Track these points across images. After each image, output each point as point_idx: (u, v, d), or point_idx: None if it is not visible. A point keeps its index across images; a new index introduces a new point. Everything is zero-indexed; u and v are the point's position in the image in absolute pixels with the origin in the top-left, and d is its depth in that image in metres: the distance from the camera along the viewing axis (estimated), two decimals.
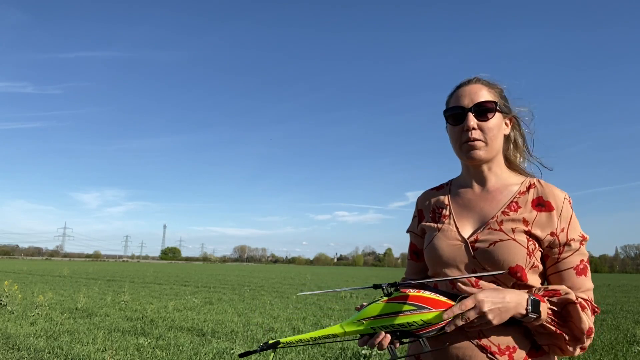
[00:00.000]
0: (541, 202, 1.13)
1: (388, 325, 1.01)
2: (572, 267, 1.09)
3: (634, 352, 5.99)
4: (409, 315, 0.99)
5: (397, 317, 1.00)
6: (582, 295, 1.07)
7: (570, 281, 1.09)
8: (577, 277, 1.09)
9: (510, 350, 1.04)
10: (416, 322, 0.99)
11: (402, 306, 1.00)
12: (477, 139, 1.15)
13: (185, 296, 13.13)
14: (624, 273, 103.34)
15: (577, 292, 1.08)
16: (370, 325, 1.03)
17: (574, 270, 1.09)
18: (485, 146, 1.16)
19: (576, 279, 1.09)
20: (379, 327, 1.02)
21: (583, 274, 1.10)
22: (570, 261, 1.10)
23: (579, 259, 1.10)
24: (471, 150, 1.16)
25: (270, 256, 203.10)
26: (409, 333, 1.01)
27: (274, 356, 1.21)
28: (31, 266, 42.21)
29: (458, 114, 1.18)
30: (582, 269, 1.10)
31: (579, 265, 1.10)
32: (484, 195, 1.20)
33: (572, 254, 1.10)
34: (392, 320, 1.01)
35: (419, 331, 1.00)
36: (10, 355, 5.16)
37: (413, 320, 0.99)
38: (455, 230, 1.17)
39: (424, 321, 0.98)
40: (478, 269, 1.10)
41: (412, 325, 0.99)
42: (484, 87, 1.19)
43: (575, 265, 1.10)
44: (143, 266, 59.63)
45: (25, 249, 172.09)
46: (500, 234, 1.09)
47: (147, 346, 5.83)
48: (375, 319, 1.03)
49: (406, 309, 1.00)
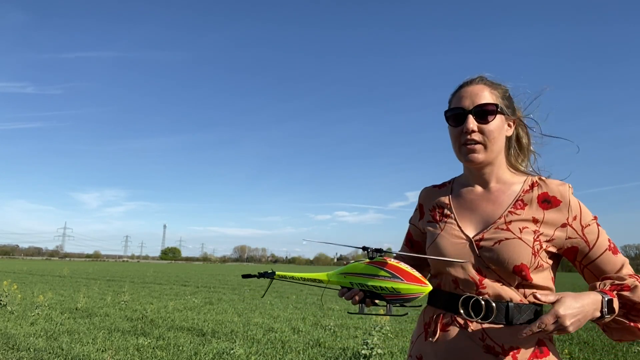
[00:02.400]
0: (547, 198, 1.12)
1: (364, 284, 1.15)
2: (607, 249, 1.09)
3: (634, 352, 5.99)
4: (382, 280, 1.11)
5: (372, 279, 1.13)
6: (629, 272, 1.08)
7: (610, 263, 1.09)
8: (615, 255, 1.10)
9: (514, 351, 1.04)
10: (387, 288, 1.10)
11: (379, 271, 1.12)
12: (477, 142, 1.15)
13: (185, 296, 13.13)
14: None
15: (623, 270, 1.08)
16: (350, 280, 1.18)
17: (610, 250, 1.10)
18: (484, 149, 1.16)
19: (615, 258, 1.09)
20: (357, 284, 1.16)
21: (617, 251, 1.10)
22: (600, 244, 1.09)
23: (606, 238, 1.11)
24: (470, 153, 1.16)
25: (270, 256, 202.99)
26: (379, 296, 1.13)
27: (270, 282, 1.37)
28: (31, 266, 42.19)
29: (458, 115, 1.17)
30: (613, 247, 1.11)
31: (610, 244, 1.10)
32: (487, 196, 1.20)
33: (599, 237, 1.10)
34: (368, 280, 1.14)
35: (388, 297, 1.11)
36: (10, 355, 5.15)
37: (385, 286, 1.10)
38: (458, 229, 1.17)
39: (394, 289, 1.09)
40: (483, 268, 1.09)
41: (384, 290, 1.11)
42: (486, 88, 1.18)
43: (608, 246, 1.10)
44: (143, 266, 59.60)
45: (25, 249, 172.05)
46: (507, 233, 1.09)
47: (147, 346, 5.82)
48: (355, 275, 1.17)
49: (382, 274, 1.12)
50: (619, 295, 1.03)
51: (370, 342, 5.30)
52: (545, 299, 0.99)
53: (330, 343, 6.29)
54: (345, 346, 6.06)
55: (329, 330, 7.38)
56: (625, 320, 1.03)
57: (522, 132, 1.26)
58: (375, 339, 5.37)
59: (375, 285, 1.12)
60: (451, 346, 1.08)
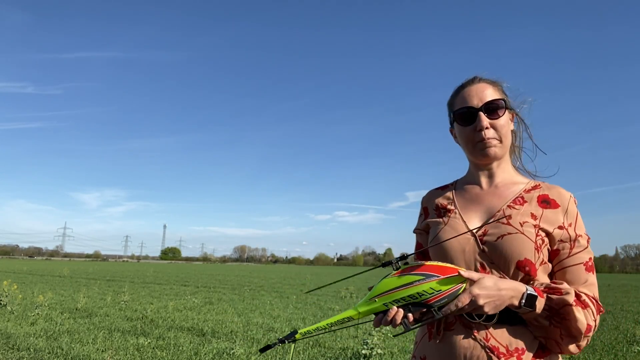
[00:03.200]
0: (546, 199, 1.14)
1: (399, 299, 1.01)
2: (582, 263, 1.09)
3: (634, 352, 5.99)
4: (418, 286, 0.99)
5: (407, 289, 1.00)
6: (585, 291, 1.07)
7: (577, 276, 1.09)
8: (585, 272, 1.09)
9: (519, 352, 1.04)
10: (426, 291, 0.98)
11: (411, 277, 1.00)
12: (492, 138, 1.17)
13: (185, 296, 13.13)
14: (624, 273, 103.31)
15: (582, 286, 1.08)
16: (382, 302, 1.03)
17: (584, 266, 1.09)
18: (500, 143, 1.18)
19: (584, 274, 1.09)
20: (391, 302, 1.02)
21: (591, 271, 1.10)
22: (580, 257, 1.10)
23: (588, 256, 1.11)
24: (487, 148, 1.17)
25: (270, 256, 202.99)
26: (421, 304, 1.00)
27: (294, 348, 1.17)
28: (31, 266, 42.20)
29: (469, 114, 1.18)
30: (590, 266, 1.10)
31: (588, 262, 1.10)
32: (492, 190, 1.21)
33: (582, 251, 1.10)
34: (402, 293, 1.00)
35: (429, 300, 0.99)
36: (10, 355, 5.16)
37: (423, 290, 0.98)
38: (462, 224, 1.17)
39: (433, 289, 0.98)
40: (486, 262, 1.09)
41: (423, 295, 0.99)
42: (488, 86, 1.20)
43: (585, 262, 1.10)
44: (143, 266, 59.61)
45: (25, 249, 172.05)
46: (509, 227, 1.09)
47: (147, 346, 5.83)
48: (386, 294, 1.02)
49: (415, 279, 0.99)
50: (548, 298, 1.04)
51: (370, 342, 5.30)
52: (468, 274, 1.00)
53: (330, 343, 6.29)
54: (345, 346, 6.06)
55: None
56: (546, 321, 1.03)
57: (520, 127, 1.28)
58: (375, 338, 5.37)
59: (412, 294, 0.99)
60: (455, 347, 1.08)
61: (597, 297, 1.09)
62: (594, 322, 1.04)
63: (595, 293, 1.09)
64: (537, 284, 1.07)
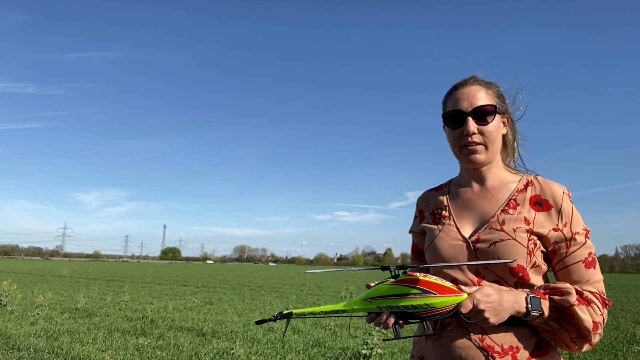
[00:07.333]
0: (539, 200, 1.13)
1: (394, 306, 1.04)
2: (581, 260, 1.09)
3: (634, 352, 5.98)
4: (414, 299, 1.01)
5: (403, 299, 1.02)
6: (590, 288, 1.06)
7: (578, 274, 1.08)
8: (586, 269, 1.08)
9: (513, 350, 1.04)
10: (420, 305, 1.01)
11: (409, 289, 1.02)
12: (478, 143, 1.15)
13: (185, 296, 13.13)
14: (624, 273, 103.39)
15: (586, 284, 1.07)
16: (377, 305, 1.07)
17: (583, 263, 1.08)
18: (485, 150, 1.16)
19: (585, 271, 1.08)
20: (385, 307, 1.05)
21: (592, 266, 1.09)
22: (578, 254, 1.09)
23: (587, 251, 1.09)
24: (471, 154, 1.16)
25: (270, 256, 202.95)
26: (413, 315, 1.03)
27: (287, 323, 1.25)
28: (31, 266, 42.18)
29: (457, 117, 1.17)
30: (590, 261, 1.09)
31: (587, 258, 1.09)
32: (483, 194, 1.20)
33: (580, 248, 1.09)
34: (398, 302, 1.03)
35: (422, 314, 1.02)
36: (10, 355, 5.15)
37: (418, 304, 1.01)
38: (456, 231, 1.17)
39: (428, 305, 1.00)
40: (481, 269, 1.10)
41: (417, 309, 1.02)
42: (481, 89, 1.18)
43: (584, 259, 1.09)
44: (143, 266, 59.59)
45: (25, 249, 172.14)
46: (501, 234, 1.09)
47: (147, 346, 5.82)
48: (382, 299, 1.06)
49: (412, 292, 1.02)
50: (550, 299, 1.04)
51: (370, 342, 5.30)
52: (467, 289, 1.01)
53: (330, 343, 6.30)
54: (345, 346, 6.06)
55: (329, 330, 7.38)
56: (556, 324, 1.03)
57: (510, 129, 1.26)
58: (375, 339, 5.37)
59: (406, 305, 1.02)
60: (452, 346, 1.09)
61: (602, 291, 1.08)
62: (600, 317, 1.03)
63: (599, 288, 1.08)
64: (535, 288, 1.08)
